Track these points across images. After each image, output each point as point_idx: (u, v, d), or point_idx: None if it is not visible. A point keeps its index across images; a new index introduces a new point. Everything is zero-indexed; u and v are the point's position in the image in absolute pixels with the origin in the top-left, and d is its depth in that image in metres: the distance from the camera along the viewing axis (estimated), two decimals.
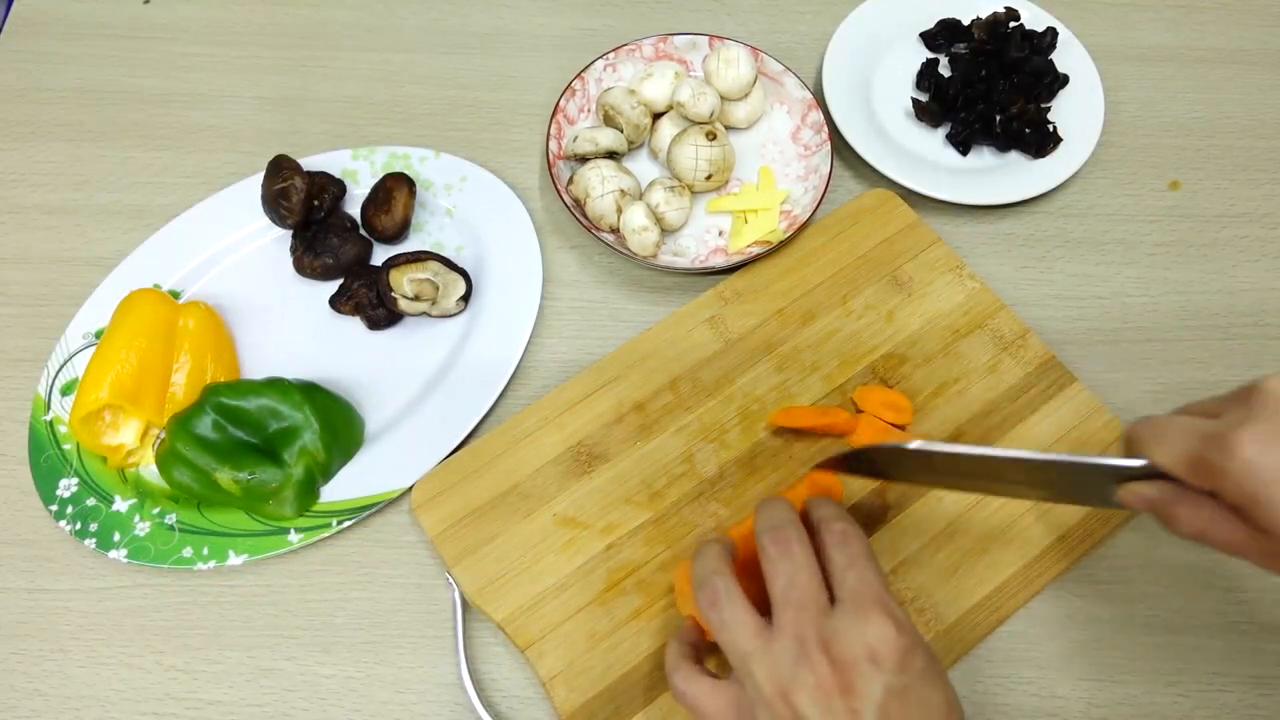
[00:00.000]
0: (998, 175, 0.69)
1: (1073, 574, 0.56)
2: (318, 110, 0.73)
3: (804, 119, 0.70)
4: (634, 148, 0.70)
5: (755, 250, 0.64)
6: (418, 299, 0.61)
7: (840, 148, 0.70)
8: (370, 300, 0.62)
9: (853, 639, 0.40)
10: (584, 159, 0.66)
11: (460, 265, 0.63)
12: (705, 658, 0.47)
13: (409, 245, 0.67)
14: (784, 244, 0.64)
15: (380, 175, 0.67)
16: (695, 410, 0.59)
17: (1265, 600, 0.56)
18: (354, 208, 0.67)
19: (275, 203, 0.63)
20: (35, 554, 0.57)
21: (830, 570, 0.43)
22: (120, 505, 0.57)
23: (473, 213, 0.67)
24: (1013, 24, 0.74)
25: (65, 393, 0.60)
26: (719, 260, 0.65)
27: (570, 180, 0.66)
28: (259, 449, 0.57)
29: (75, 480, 0.57)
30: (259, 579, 0.56)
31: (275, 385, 0.57)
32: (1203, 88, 0.76)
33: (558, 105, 0.68)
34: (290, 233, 0.66)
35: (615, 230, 0.65)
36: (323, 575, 0.56)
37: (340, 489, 0.57)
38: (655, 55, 0.72)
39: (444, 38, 0.77)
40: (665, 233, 0.66)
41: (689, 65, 0.73)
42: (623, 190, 0.64)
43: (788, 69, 0.70)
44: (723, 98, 0.68)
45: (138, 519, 0.56)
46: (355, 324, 0.64)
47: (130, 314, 0.60)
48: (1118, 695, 0.53)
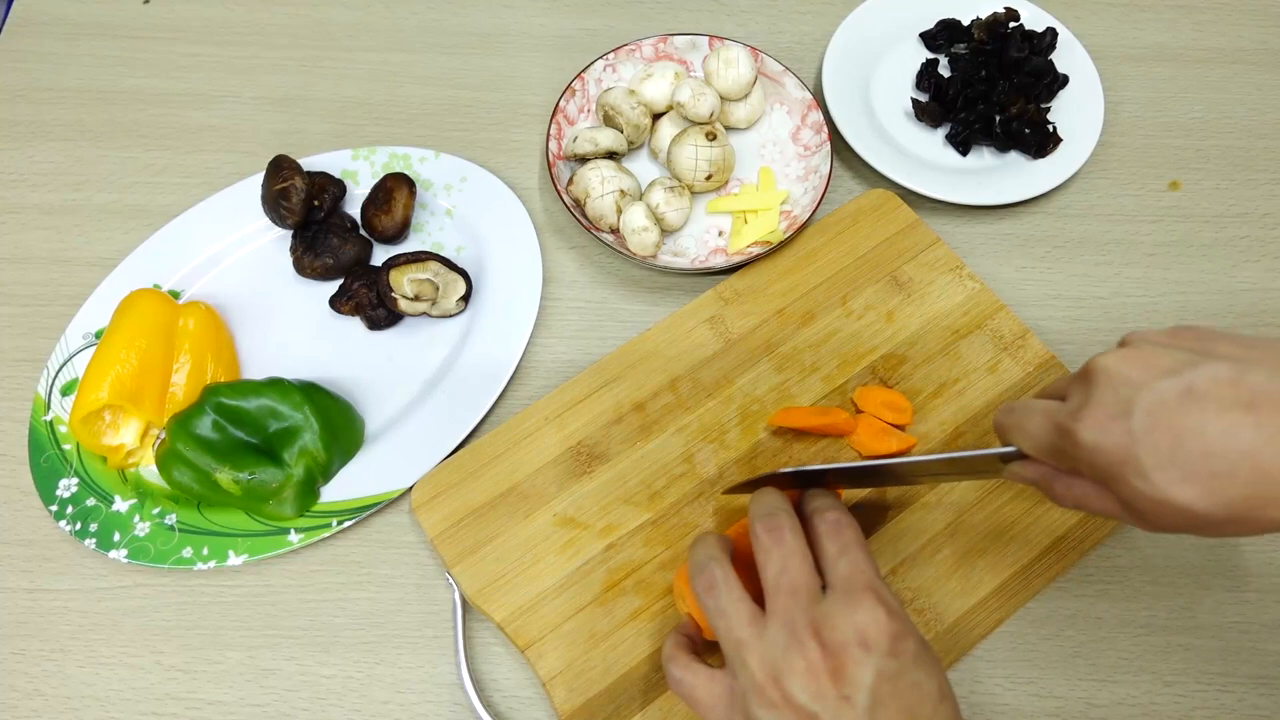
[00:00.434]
0: (998, 175, 0.69)
1: (1073, 574, 0.56)
2: (318, 110, 0.73)
3: (804, 119, 0.70)
4: (634, 148, 0.70)
5: (755, 250, 0.64)
6: (418, 299, 0.61)
7: (840, 148, 0.70)
8: (370, 300, 0.62)
9: (843, 624, 0.40)
10: (584, 159, 0.66)
11: (460, 265, 0.63)
12: (703, 653, 0.47)
13: (409, 245, 0.67)
14: (784, 244, 0.64)
15: (380, 175, 0.67)
16: (695, 410, 0.59)
17: (1265, 600, 0.56)
18: (354, 208, 0.67)
19: (275, 203, 0.63)
20: (35, 554, 0.57)
21: (823, 558, 0.44)
22: (120, 505, 0.57)
23: (473, 213, 0.67)
24: (1013, 24, 0.74)
25: (65, 393, 0.60)
26: (719, 260, 0.65)
27: (570, 180, 0.66)
28: (259, 449, 0.57)
29: (75, 480, 0.57)
30: (259, 579, 0.56)
31: (275, 385, 0.57)
32: (1203, 88, 0.76)
33: (558, 105, 0.68)
34: (290, 233, 0.66)
35: (615, 230, 0.65)
36: (323, 575, 0.56)
37: (340, 489, 0.57)
38: (655, 55, 0.72)
39: (444, 38, 0.77)
40: (665, 233, 0.66)
41: (689, 65, 0.73)
42: (623, 190, 0.64)
43: (788, 69, 0.70)
44: (723, 98, 0.68)
45: (138, 519, 0.56)
46: (355, 324, 0.64)
47: (130, 314, 0.60)
48: (1118, 695, 0.53)
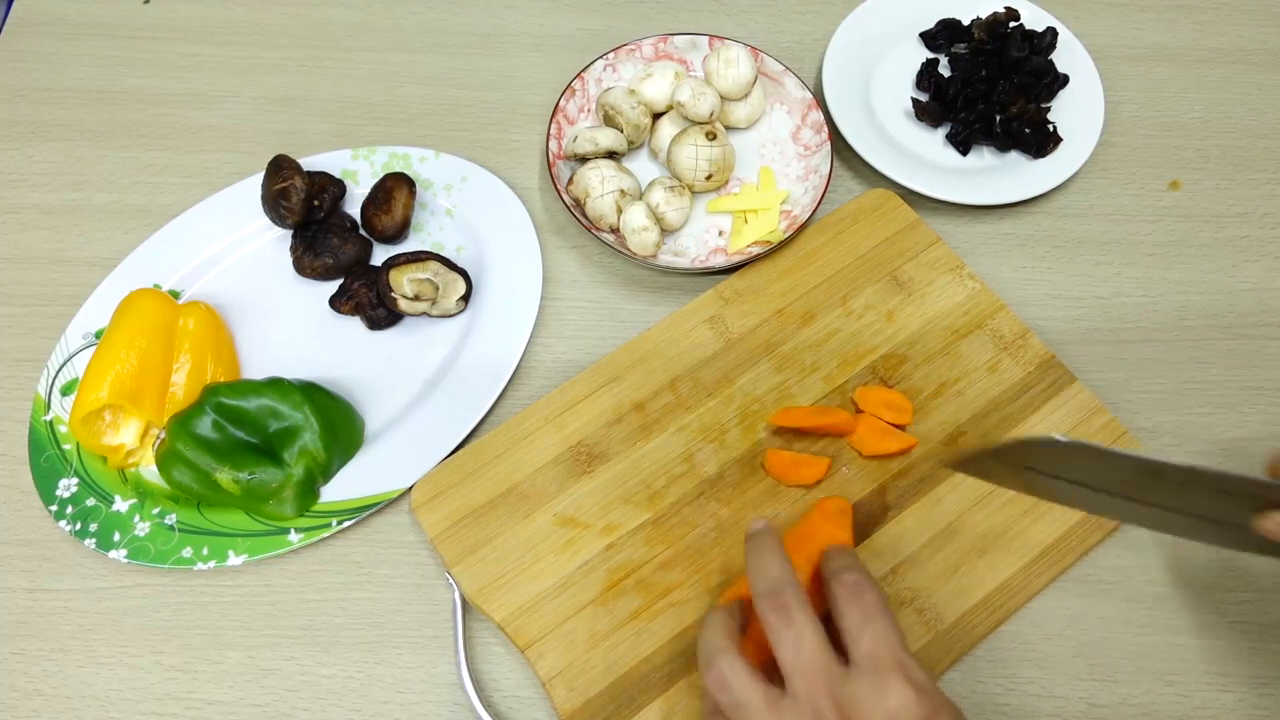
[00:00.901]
0: (998, 175, 0.69)
1: (1073, 574, 0.56)
2: (318, 110, 0.73)
3: (804, 119, 0.70)
4: (634, 148, 0.70)
5: (755, 250, 0.64)
6: (418, 299, 0.61)
7: (840, 148, 0.70)
8: (370, 300, 0.62)
9: (872, 708, 0.38)
10: (584, 159, 0.66)
11: (460, 265, 0.63)
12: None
13: (409, 245, 0.67)
14: (784, 244, 0.64)
15: (380, 175, 0.67)
16: (695, 410, 0.59)
17: (1265, 600, 0.56)
18: (354, 208, 0.67)
19: (275, 203, 0.63)
20: (35, 554, 0.57)
21: (844, 626, 0.42)
22: (120, 505, 0.57)
23: (473, 213, 0.67)
24: (1013, 24, 0.74)
25: (65, 393, 0.60)
26: (719, 260, 0.65)
27: (570, 180, 0.66)
28: (259, 449, 0.57)
29: (75, 480, 0.57)
30: (259, 579, 0.56)
31: (275, 385, 0.57)
32: (1203, 88, 0.76)
33: (558, 105, 0.68)
34: (290, 233, 0.66)
35: (615, 230, 0.65)
36: (323, 575, 0.56)
37: (340, 489, 0.57)
38: (655, 55, 0.72)
39: (444, 38, 0.77)
40: (665, 233, 0.66)
41: (689, 65, 0.73)
42: (623, 190, 0.64)
43: (788, 69, 0.70)
44: (723, 98, 0.68)
45: (138, 519, 0.56)
46: (355, 324, 0.64)
47: (130, 314, 0.60)
48: (1118, 695, 0.53)
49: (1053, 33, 0.73)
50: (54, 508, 0.56)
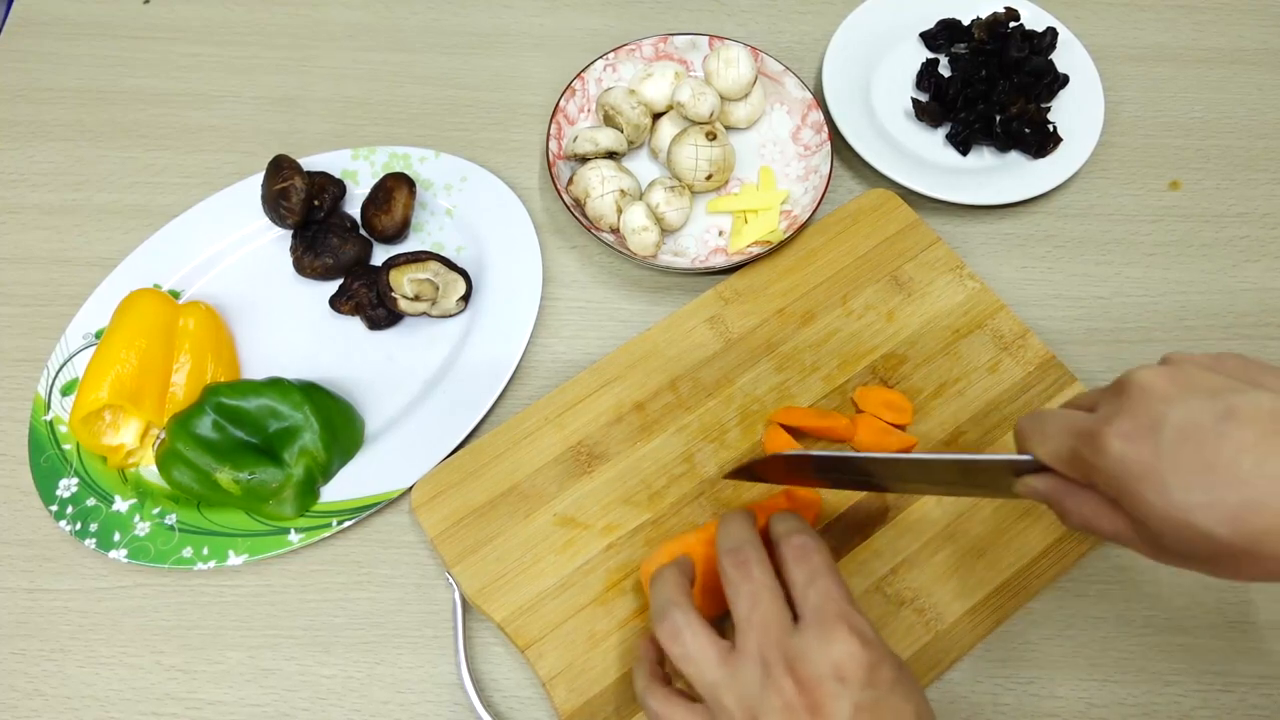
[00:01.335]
0: (998, 175, 0.69)
1: (1073, 574, 0.56)
2: (318, 110, 0.73)
3: (804, 119, 0.70)
4: (634, 148, 0.70)
5: (755, 250, 0.64)
6: (418, 299, 0.61)
7: (840, 148, 0.70)
8: (370, 300, 0.62)
9: (818, 658, 0.39)
10: (584, 159, 0.66)
11: (460, 265, 0.63)
12: (674, 676, 0.47)
13: (409, 245, 0.67)
14: (784, 244, 0.64)
15: (380, 175, 0.67)
16: (695, 410, 0.59)
17: (1265, 600, 0.56)
18: (354, 208, 0.67)
19: (275, 203, 0.63)
20: (35, 554, 0.57)
21: (791, 586, 0.43)
22: (120, 505, 0.57)
23: (473, 213, 0.67)
24: (1013, 24, 0.74)
25: (65, 393, 0.60)
26: (719, 260, 0.65)
27: (570, 180, 0.66)
28: (259, 449, 0.57)
29: (75, 480, 0.57)
30: (259, 579, 0.56)
31: (275, 385, 0.57)
32: (1203, 88, 0.76)
33: (558, 105, 0.68)
34: (290, 233, 0.66)
35: (615, 230, 0.65)
36: (323, 575, 0.56)
37: (340, 489, 0.57)
38: (655, 55, 0.72)
39: (444, 38, 0.77)
40: (665, 233, 0.66)
41: (689, 65, 0.73)
42: (623, 190, 0.64)
43: (788, 69, 0.70)
44: (723, 98, 0.68)
45: (138, 519, 0.56)
46: (355, 324, 0.64)
47: (130, 314, 0.60)
48: (1118, 695, 0.53)
49: (1053, 33, 0.73)
50: (54, 508, 0.56)
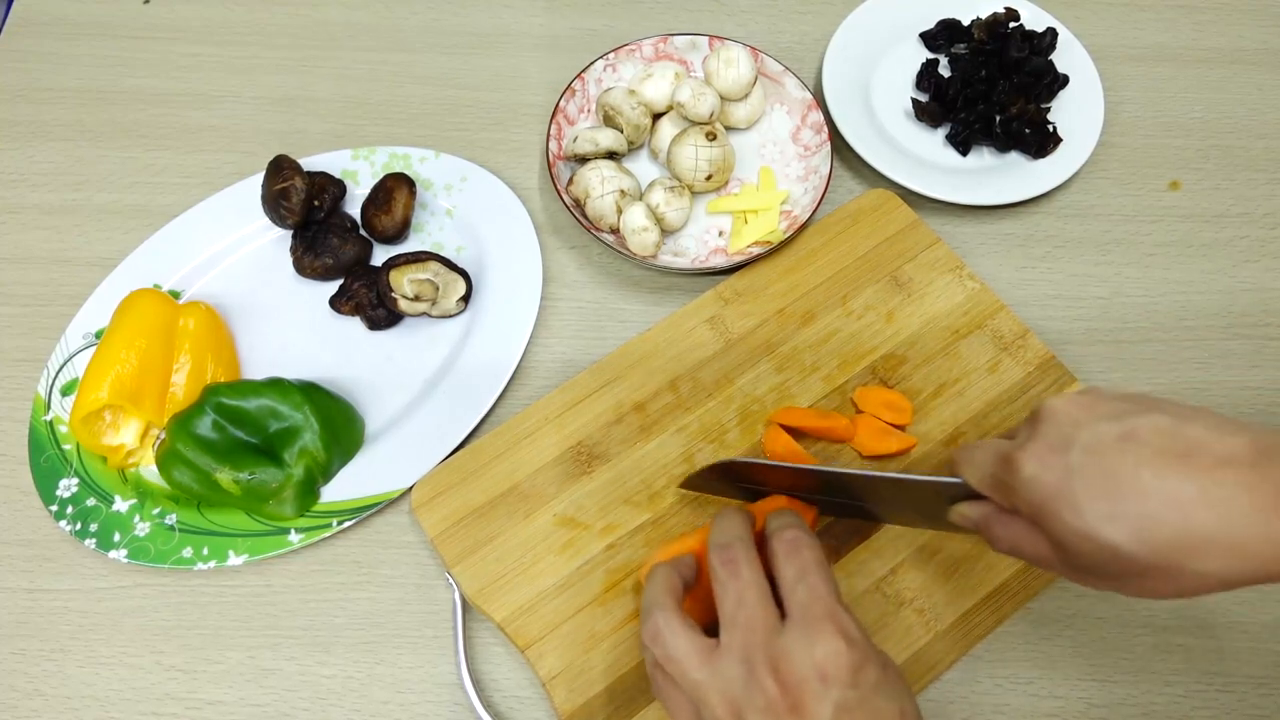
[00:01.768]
0: (998, 175, 0.69)
1: None
2: (318, 110, 0.73)
3: (804, 119, 0.70)
4: (634, 148, 0.70)
5: (755, 250, 0.64)
6: (418, 299, 0.61)
7: (840, 148, 0.70)
8: (370, 300, 0.62)
9: (802, 658, 0.39)
10: (584, 159, 0.66)
11: (460, 265, 0.63)
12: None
13: (409, 245, 0.67)
14: (784, 244, 0.64)
15: (380, 175, 0.67)
16: (695, 411, 0.59)
17: (1265, 600, 0.56)
18: (354, 208, 0.67)
19: (275, 203, 0.63)
20: (35, 554, 0.57)
21: (780, 582, 0.43)
22: (120, 505, 0.57)
23: (473, 213, 0.67)
24: (1013, 24, 0.74)
25: (65, 393, 0.60)
26: (719, 260, 0.65)
27: (570, 180, 0.66)
28: (259, 449, 0.57)
29: (75, 480, 0.57)
30: (259, 579, 0.56)
31: (275, 385, 0.57)
32: (1203, 88, 0.76)
33: (558, 105, 0.68)
34: (290, 233, 0.66)
35: (615, 230, 0.65)
36: (323, 575, 0.56)
37: (340, 489, 0.57)
38: (655, 55, 0.72)
39: (444, 38, 0.77)
40: (665, 233, 0.66)
41: (689, 65, 0.73)
42: (623, 190, 0.64)
43: (788, 69, 0.70)
44: (723, 98, 0.68)
45: (138, 519, 0.56)
46: (355, 324, 0.64)
47: (130, 314, 0.60)
48: (1118, 695, 0.53)
49: (1053, 33, 0.73)
50: (54, 508, 0.56)
